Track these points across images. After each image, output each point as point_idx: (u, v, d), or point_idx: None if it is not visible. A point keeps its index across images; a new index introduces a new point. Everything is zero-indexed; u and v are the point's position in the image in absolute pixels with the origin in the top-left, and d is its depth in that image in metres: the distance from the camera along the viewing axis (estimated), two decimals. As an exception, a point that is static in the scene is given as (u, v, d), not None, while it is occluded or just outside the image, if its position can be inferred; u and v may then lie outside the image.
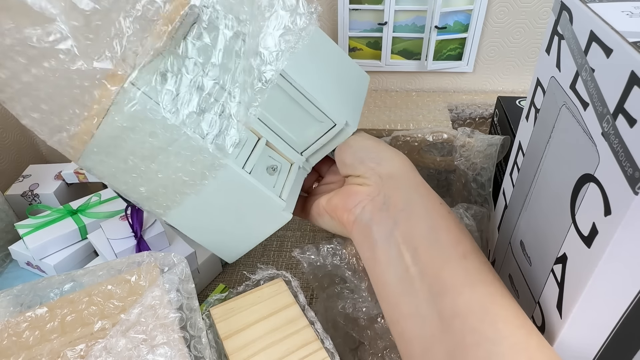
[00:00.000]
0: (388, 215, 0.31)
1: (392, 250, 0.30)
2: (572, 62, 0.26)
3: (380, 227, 0.31)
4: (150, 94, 0.28)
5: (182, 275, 0.35)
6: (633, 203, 0.20)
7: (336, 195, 0.36)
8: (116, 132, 0.29)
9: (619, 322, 0.25)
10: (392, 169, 0.33)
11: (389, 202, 0.32)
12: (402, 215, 0.31)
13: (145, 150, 0.30)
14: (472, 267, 0.28)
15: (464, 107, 0.70)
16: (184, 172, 0.32)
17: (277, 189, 0.34)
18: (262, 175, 0.34)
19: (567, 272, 0.26)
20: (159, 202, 0.34)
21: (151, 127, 0.29)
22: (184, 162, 0.31)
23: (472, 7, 0.63)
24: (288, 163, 0.37)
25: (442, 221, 0.30)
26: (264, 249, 0.58)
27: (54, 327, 0.32)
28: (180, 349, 0.31)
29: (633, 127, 0.20)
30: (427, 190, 0.33)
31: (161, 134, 0.29)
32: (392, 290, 0.30)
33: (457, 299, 0.27)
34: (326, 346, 0.34)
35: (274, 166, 0.35)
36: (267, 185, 0.33)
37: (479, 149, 0.49)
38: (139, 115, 0.28)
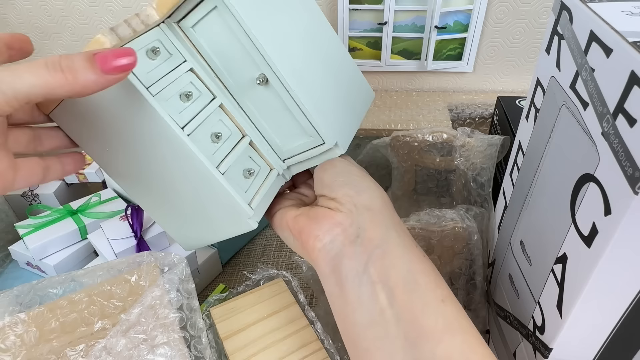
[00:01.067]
0: (362, 250, 0.29)
1: (365, 288, 0.28)
2: (572, 61, 0.26)
3: (352, 262, 0.29)
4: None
5: (182, 275, 0.35)
6: (633, 203, 0.20)
7: (304, 215, 0.32)
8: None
9: (619, 322, 0.25)
10: (370, 202, 0.31)
11: (363, 236, 0.29)
12: (377, 252, 0.28)
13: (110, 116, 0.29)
14: (450, 313, 0.27)
15: (464, 107, 0.70)
16: (151, 155, 0.30)
17: (249, 195, 0.32)
18: (236, 176, 0.32)
19: (567, 272, 0.26)
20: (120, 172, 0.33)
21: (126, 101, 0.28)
22: (154, 146, 0.30)
23: (472, 7, 0.63)
24: (268, 168, 0.35)
25: (419, 264, 0.28)
26: (264, 249, 0.58)
27: (54, 327, 0.32)
28: (180, 349, 0.31)
29: (633, 127, 0.20)
30: (404, 230, 0.31)
31: (135, 108, 0.28)
32: (363, 332, 0.28)
33: (436, 347, 0.25)
34: (326, 346, 0.34)
35: (252, 169, 0.33)
36: (239, 189, 0.32)
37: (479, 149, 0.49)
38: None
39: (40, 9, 0.71)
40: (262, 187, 0.33)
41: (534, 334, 0.30)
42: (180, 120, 0.29)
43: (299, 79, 0.31)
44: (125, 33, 0.26)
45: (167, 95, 0.29)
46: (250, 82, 0.31)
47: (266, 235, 0.61)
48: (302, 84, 0.31)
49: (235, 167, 0.32)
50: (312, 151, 0.33)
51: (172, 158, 0.30)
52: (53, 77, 0.24)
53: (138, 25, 0.27)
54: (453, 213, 0.42)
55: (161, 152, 0.30)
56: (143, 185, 0.34)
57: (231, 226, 0.33)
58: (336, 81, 0.35)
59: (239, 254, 0.58)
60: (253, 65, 0.30)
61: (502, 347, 0.38)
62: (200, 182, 0.31)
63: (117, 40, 0.26)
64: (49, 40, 0.74)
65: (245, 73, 0.31)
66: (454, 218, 0.41)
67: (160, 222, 0.37)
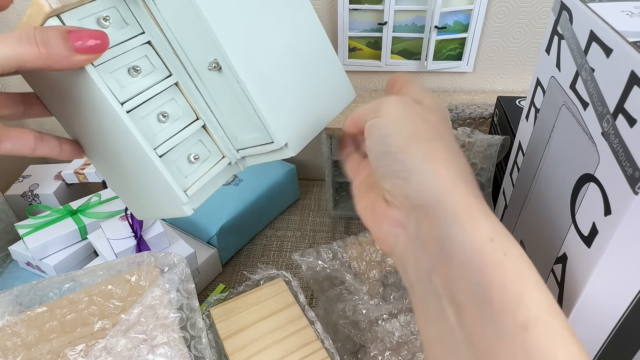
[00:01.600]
0: (423, 256, 0.24)
1: (432, 300, 0.23)
2: (572, 62, 0.26)
3: (416, 267, 0.24)
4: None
5: (182, 275, 0.35)
6: (633, 203, 0.20)
7: (368, 210, 0.28)
8: None
9: (619, 322, 0.25)
10: (421, 189, 0.24)
11: (422, 237, 0.24)
12: (439, 259, 0.23)
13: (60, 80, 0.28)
14: (535, 346, 0.20)
15: (464, 107, 0.70)
16: (97, 125, 0.30)
17: (188, 180, 0.31)
18: (178, 160, 0.30)
19: (567, 272, 0.26)
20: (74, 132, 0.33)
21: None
22: (98, 117, 0.29)
23: (472, 7, 0.63)
24: (220, 155, 0.32)
25: (493, 272, 0.21)
26: (264, 249, 0.58)
27: (54, 327, 0.32)
28: (180, 349, 0.31)
29: (633, 127, 0.20)
30: (472, 220, 0.22)
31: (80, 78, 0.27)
32: (434, 346, 0.24)
33: None
34: (326, 346, 0.34)
35: (198, 155, 0.31)
36: (178, 174, 0.30)
37: (479, 149, 0.49)
38: None
39: (40, 9, 0.71)
40: (206, 174, 0.31)
41: (534, 334, 0.30)
42: (121, 95, 0.27)
43: (255, 71, 0.29)
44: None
45: (112, 67, 0.27)
46: (206, 66, 0.29)
47: (266, 235, 0.61)
48: (256, 78, 0.29)
49: (179, 150, 0.30)
50: (263, 147, 0.31)
51: (113, 132, 0.29)
52: (26, 49, 0.24)
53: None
54: (453, 213, 0.42)
55: (104, 124, 0.29)
56: (97, 152, 0.33)
57: (169, 208, 0.32)
58: (306, 78, 0.32)
59: (239, 254, 0.58)
60: (208, 48, 0.28)
61: (502, 347, 0.38)
62: (139, 160, 0.30)
63: (58, 4, 0.24)
64: (49, 40, 0.74)
65: (201, 55, 0.29)
66: (454, 218, 0.41)
67: (114, 190, 0.36)
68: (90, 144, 0.33)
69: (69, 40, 0.24)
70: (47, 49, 0.24)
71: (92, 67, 0.26)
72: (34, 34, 0.24)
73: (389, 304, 0.42)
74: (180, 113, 0.30)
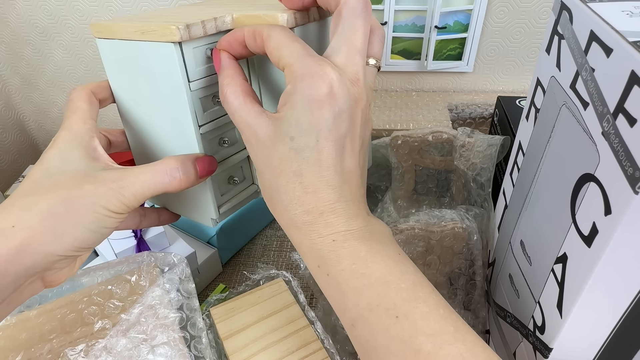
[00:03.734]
0: None
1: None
2: (572, 61, 0.26)
3: None
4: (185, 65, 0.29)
5: (182, 275, 0.35)
6: (633, 202, 0.20)
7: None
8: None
9: (619, 322, 0.25)
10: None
11: None
12: None
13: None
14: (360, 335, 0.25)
15: (464, 107, 0.70)
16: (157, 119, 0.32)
17: (224, 199, 0.34)
18: (221, 180, 0.33)
19: (567, 272, 0.26)
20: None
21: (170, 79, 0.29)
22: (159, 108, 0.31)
23: (472, 7, 0.63)
24: (250, 181, 0.36)
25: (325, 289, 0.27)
26: (264, 249, 0.58)
27: (54, 327, 0.32)
28: (180, 349, 0.31)
29: (633, 127, 0.20)
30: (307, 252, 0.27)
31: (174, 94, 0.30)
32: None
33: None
34: (326, 346, 0.34)
35: (236, 179, 0.34)
36: (217, 192, 0.33)
37: (479, 149, 0.49)
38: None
39: (40, 8, 0.71)
40: (237, 196, 0.35)
41: (534, 333, 0.30)
42: (201, 119, 0.30)
43: None
44: (197, 33, 0.28)
45: (202, 93, 0.30)
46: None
47: (266, 235, 0.61)
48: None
49: (225, 171, 0.33)
50: None
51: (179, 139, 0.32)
52: (170, 184, 0.29)
53: (211, 29, 0.29)
54: (453, 213, 0.42)
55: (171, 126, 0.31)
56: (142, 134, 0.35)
57: (197, 215, 0.35)
58: None
59: (239, 254, 0.58)
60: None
61: (502, 347, 0.38)
62: None
63: (187, 37, 0.27)
64: (49, 40, 0.74)
65: (274, 104, 0.32)
66: (453, 218, 0.41)
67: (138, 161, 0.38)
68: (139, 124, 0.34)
69: (197, 169, 0.29)
70: (186, 181, 0.29)
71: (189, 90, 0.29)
72: (179, 170, 0.29)
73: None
74: (236, 139, 0.34)
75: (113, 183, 0.27)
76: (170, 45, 0.27)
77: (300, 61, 0.25)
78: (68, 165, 0.28)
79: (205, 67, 0.30)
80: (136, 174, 0.28)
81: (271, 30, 0.26)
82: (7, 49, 0.76)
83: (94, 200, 0.27)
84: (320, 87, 0.25)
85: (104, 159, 0.30)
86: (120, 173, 0.28)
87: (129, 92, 0.33)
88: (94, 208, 0.27)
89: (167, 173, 0.28)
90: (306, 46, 0.26)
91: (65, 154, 0.28)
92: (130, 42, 0.29)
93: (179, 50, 0.28)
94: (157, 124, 0.33)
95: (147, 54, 0.29)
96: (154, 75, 0.30)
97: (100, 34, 0.31)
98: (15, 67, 0.78)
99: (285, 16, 0.27)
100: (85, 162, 0.28)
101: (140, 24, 0.28)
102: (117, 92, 0.34)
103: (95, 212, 0.27)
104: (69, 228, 0.27)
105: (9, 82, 0.80)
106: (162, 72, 0.29)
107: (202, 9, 0.32)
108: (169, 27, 0.27)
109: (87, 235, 0.27)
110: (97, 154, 0.29)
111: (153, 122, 0.33)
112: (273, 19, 0.28)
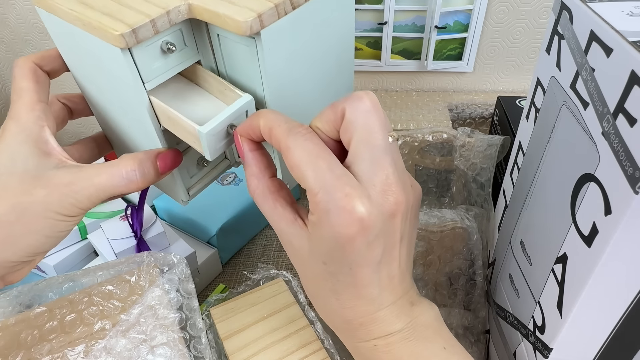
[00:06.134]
0: None
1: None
2: (572, 61, 0.26)
3: None
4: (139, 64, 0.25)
5: (182, 275, 0.35)
6: (633, 202, 0.20)
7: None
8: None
9: (619, 322, 0.25)
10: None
11: None
12: None
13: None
14: None
15: (464, 107, 0.70)
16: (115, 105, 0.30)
17: (193, 180, 0.33)
18: (190, 163, 0.32)
19: (568, 272, 0.26)
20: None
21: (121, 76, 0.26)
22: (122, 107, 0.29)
23: (472, 7, 0.63)
24: (221, 158, 0.34)
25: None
26: (264, 249, 0.58)
27: (54, 327, 0.32)
28: (180, 349, 0.31)
29: (633, 127, 0.20)
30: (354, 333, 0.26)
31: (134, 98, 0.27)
32: None
33: None
34: (326, 346, 0.34)
35: (206, 162, 0.33)
36: (185, 176, 0.32)
37: (479, 149, 0.49)
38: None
39: (40, 9, 0.71)
40: (207, 175, 0.33)
41: (534, 333, 0.30)
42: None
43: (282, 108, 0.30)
44: (147, 35, 0.24)
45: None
46: None
47: (266, 235, 0.61)
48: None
49: (192, 157, 0.32)
50: None
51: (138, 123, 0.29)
52: (127, 187, 0.27)
53: (164, 26, 0.25)
54: (453, 213, 0.42)
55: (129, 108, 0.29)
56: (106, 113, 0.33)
57: (169, 191, 0.34)
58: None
59: (239, 254, 0.58)
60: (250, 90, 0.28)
61: (502, 347, 0.38)
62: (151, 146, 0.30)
63: (134, 42, 0.24)
64: (49, 40, 0.74)
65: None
66: (453, 218, 0.41)
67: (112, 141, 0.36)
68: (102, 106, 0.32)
69: (158, 167, 0.28)
70: (143, 182, 0.28)
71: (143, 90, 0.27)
72: (136, 172, 0.27)
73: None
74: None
75: (66, 187, 0.26)
76: (117, 50, 0.24)
77: (325, 192, 0.22)
78: (17, 164, 0.26)
79: (163, 62, 0.26)
80: (91, 177, 0.26)
81: (292, 142, 0.23)
82: (7, 49, 0.76)
83: (46, 207, 0.25)
84: (349, 225, 0.22)
85: (56, 153, 0.27)
86: (73, 175, 0.26)
87: (85, 76, 0.30)
88: (46, 214, 0.25)
89: (124, 176, 0.27)
90: (331, 162, 0.23)
91: (14, 150, 0.26)
92: (72, 26, 0.25)
93: (128, 55, 0.24)
94: (118, 115, 0.30)
95: (94, 44, 0.25)
96: (107, 68, 0.26)
97: (38, 3, 0.27)
98: (15, 67, 0.78)
99: (249, 21, 0.23)
100: (36, 160, 0.26)
101: (80, 12, 0.24)
102: (72, 69, 0.30)
103: (48, 217, 0.25)
104: (21, 236, 0.25)
105: (9, 82, 0.80)
106: (114, 70, 0.26)
107: None
108: (110, 32, 0.23)
109: (43, 241, 0.26)
110: (49, 147, 0.27)
111: (114, 112, 0.30)
112: (235, 23, 0.23)
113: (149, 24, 0.23)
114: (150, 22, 0.23)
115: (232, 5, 0.24)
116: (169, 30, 0.25)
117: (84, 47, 0.26)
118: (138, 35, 0.23)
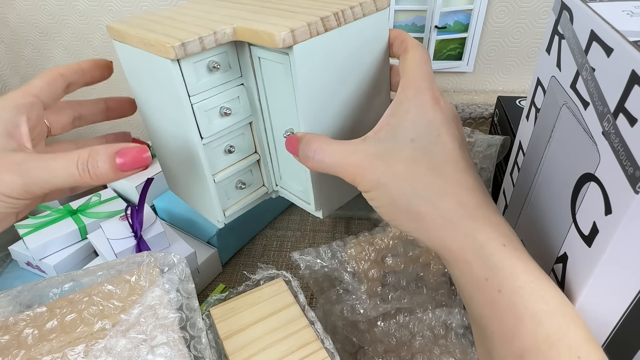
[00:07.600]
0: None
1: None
2: (573, 61, 0.26)
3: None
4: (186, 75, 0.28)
5: (182, 275, 0.35)
6: (634, 202, 0.20)
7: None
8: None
9: (619, 322, 0.25)
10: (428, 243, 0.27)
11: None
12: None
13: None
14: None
15: (464, 107, 0.70)
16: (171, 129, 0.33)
17: (230, 202, 0.34)
18: (228, 185, 0.34)
19: (568, 272, 0.26)
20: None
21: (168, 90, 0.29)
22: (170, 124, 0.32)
23: (472, 7, 0.63)
24: (260, 183, 0.36)
25: (489, 308, 0.23)
26: (264, 249, 0.58)
27: (54, 327, 0.32)
28: (180, 349, 0.31)
29: (633, 126, 0.20)
30: (467, 263, 0.24)
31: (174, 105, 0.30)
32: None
33: None
34: (326, 346, 0.34)
35: (245, 183, 0.34)
36: (223, 195, 0.34)
37: (479, 149, 0.49)
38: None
39: (40, 8, 0.71)
40: (246, 198, 0.35)
41: (534, 333, 0.30)
42: (204, 130, 0.30)
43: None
44: (195, 49, 0.27)
45: (207, 106, 0.30)
46: (282, 130, 0.32)
47: (266, 235, 0.61)
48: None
49: (233, 178, 0.34)
50: (299, 200, 0.35)
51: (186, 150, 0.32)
52: (82, 177, 0.26)
53: (210, 44, 0.28)
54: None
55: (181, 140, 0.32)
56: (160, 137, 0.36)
57: (205, 211, 0.36)
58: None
59: (239, 254, 0.58)
60: (288, 114, 0.31)
61: (503, 347, 0.38)
62: (199, 176, 0.33)
63: (183, 55, 0.27)
64: (49, 40, 0.74)
65: (280, 116, 0.32)
66: (454, 218, 0.41)
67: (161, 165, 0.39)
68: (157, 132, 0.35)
69: (116, 165, 0.27)
70: (97, 176, 0.26)
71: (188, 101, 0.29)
72: (87, 163, 0.26)
73: (388, 303, 0.42)
74: (243, 146, 0.34)
75: (16, 166, 0.25)
76: (168, 61, 0.27)
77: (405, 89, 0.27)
78: None
79: (208, 79, 0.29)
80: (46, 160, 0.26)
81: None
82: (7, 49, 0.76)
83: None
84: (429, 95, 0.26)
85: (20, 138, 0.27)
86: (28, 157, 0.26)
87: (144, 97, 0.33)
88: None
89: (78, 165, 0.26)
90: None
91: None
92: (138, 49, 0.30)
93: (177, 67, 0.27)
94: (165, 130, 0.33)
95: (152, 61, 0.29)
96: (160, 83, 0.30)
97: (115, 37, 0.32)
98: (15, 67, 0.78)
99: (282, 35, 0.25)
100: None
101: (143, 35, 0.28)
102: (136, 95, 0.35)
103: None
104: None
105: (9, 82, 0.80)
106: (165, 83, 0.29)
107: (210, 9, 0.32)
108: (164, 45, 0.26)
109: None
110: (17, 131, 0.27)
111: (164, 128, 0.33)
112: (270, 37, 0.26)
113: (197, 40, 0.27)
114: (198, 39, 0.27)
115: (271, 25, 0.27)
116: (215, 50, 0.29)
117: (145, 67, 0.30)
118: (187, 49, 0.27)
